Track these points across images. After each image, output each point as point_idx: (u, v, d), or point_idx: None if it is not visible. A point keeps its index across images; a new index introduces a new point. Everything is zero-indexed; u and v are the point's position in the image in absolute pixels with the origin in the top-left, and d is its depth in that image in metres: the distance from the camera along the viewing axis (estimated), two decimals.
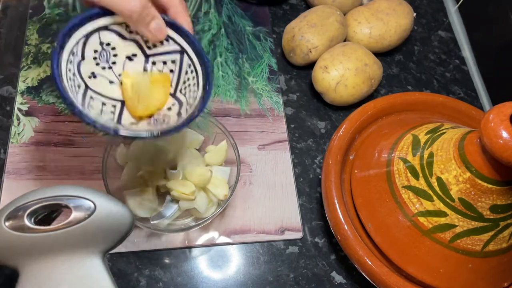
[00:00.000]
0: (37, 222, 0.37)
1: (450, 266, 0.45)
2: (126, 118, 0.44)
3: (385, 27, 0.65)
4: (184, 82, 0.45)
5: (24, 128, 0.56)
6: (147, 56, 0.45)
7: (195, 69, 0.45)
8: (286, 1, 0.73)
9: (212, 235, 0.53)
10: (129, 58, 0.45)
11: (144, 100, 0.44)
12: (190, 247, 0.52)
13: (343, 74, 0.59)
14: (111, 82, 0.44)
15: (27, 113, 0.58)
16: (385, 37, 0.65)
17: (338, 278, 0.53)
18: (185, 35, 0.44)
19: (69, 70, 0.40)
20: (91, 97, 0.42)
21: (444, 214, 0.44)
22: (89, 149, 0.56)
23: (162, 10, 0.43)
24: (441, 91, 0.68)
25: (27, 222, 0.36)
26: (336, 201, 0.49)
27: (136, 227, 0.51)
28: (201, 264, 0.52)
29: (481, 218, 0.44)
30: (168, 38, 0.44)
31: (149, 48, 0.45)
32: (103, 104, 0.43)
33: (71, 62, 0.40)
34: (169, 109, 0.45)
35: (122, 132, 0.39)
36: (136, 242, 0.51)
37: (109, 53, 0.44)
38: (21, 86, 0.59)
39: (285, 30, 0.66)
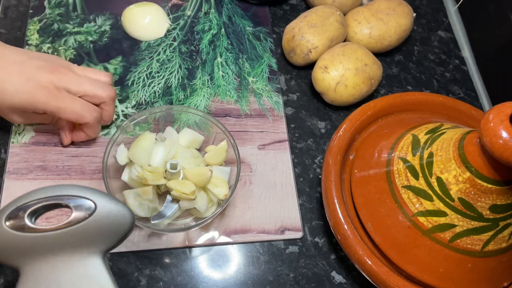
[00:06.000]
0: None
1: (450, 266, 0.45)
2: None
3: (385, 27, 0.65)
4: None
5: (24, 128, 0.56)
6: None
7: None
8: (286, 1, 0.73)
9: (212, 234, 0.53)
10: None
11: None
12: (190, 247, 0.52)
13: (343, 74, 0.59)
14: None
15: None
16: (385, 37, 0.66)
17: (338, 278, 0.53)
18: None
19: None
20: None
21: (444, 214, 0.44)
22: (89, 149, 0.56)
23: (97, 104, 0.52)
24: (441, 91, 0.69)
25: (27, 221, 0.37)
26: (336, 201, 0.49)
27: (137, 227, 0.51)
28: (201, 263, 0.52)
29: (481, 218, 0.44)
30: None
31: None
32: None
33: None
34: None
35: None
36: (136, 242, 0.52)
37: None
38: None
39: (285, 30, 0.66)
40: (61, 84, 0.49)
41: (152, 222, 0.48)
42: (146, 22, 0.65)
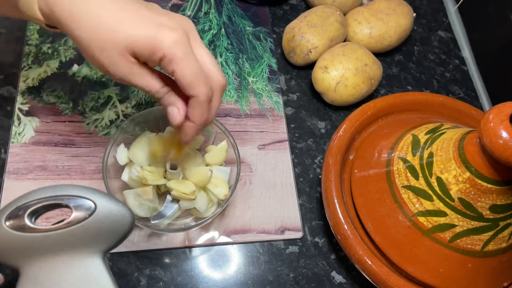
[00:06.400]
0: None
1: (450, 266, 0.45)
2: None
3: (385, 27, 0.65)
4: None
5: (24, 128, 0.56)
6: None
7: None
8: (286, 1, 0.73)
9: (212, 234, 0.53)
10: None
11: None
12: (190, 247, 0.52)
13: (343, 74, 0.59)
14: None
15: (28, 113, 0.58)
16: (385, 37, 0.66)
17: (338, 278, 0.53)
18: None
19: None
20: None
21: (444, 214, 0.44)
22: (89, 149, 0.56)
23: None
24: (441, 91, 0.69)
25: (27, 221, 0.37)
26: (336, 201, 0.49)
27: (137, 227, 0.51)
28: (201, 263, 0.52)
29: (481, 218, 0.44)
30: None
31: None
32: None
33: None
34: None
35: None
36: (136, 242, 0.52)
37: None
38: (22, 86, 0.59)
39: (285, 30, 0.66)
40: (189, 32, 0.40)
41: (152, 222, 0.48)
42: None
